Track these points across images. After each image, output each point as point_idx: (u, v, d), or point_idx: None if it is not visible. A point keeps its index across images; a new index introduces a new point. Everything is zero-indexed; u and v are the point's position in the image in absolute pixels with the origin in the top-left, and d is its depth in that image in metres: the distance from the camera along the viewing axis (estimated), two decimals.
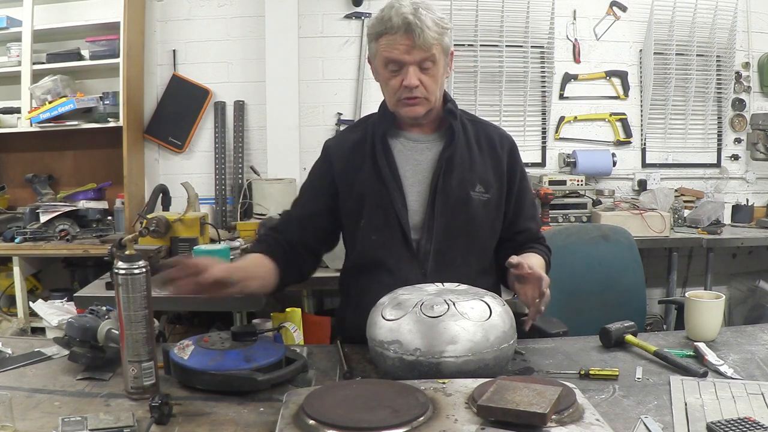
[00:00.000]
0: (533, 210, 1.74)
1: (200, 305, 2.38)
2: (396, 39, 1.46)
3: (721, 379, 1.29)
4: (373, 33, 1.51)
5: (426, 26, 1.44)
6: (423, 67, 1.49)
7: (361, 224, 1.61)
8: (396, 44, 1.47)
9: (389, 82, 1.52)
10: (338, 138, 1.77)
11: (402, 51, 1.47)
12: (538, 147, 3.90)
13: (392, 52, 1.48)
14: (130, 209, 3.40)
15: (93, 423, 1.06)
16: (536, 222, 1.74)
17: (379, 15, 1.50)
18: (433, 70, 1.50)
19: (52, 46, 3.61)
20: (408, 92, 1.50)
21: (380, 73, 1.55)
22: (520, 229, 1.67)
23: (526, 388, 1.01)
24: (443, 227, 1.56)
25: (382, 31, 1.48)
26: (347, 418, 0.98)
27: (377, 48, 1.52)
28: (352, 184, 1.62)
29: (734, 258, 3.96)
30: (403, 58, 1.48)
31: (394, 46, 1.47)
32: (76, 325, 1.35)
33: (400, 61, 1.48)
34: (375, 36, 1.51)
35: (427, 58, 1.48)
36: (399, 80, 1.50)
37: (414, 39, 1.45)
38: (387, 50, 1.49)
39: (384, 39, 1.49)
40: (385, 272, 1.57)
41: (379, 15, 1.50)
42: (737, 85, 3.91)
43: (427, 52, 1.47)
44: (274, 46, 3.61)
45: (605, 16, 3.84)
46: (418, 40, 1.45)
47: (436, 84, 1.52)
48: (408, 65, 1.48)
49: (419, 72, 1.49)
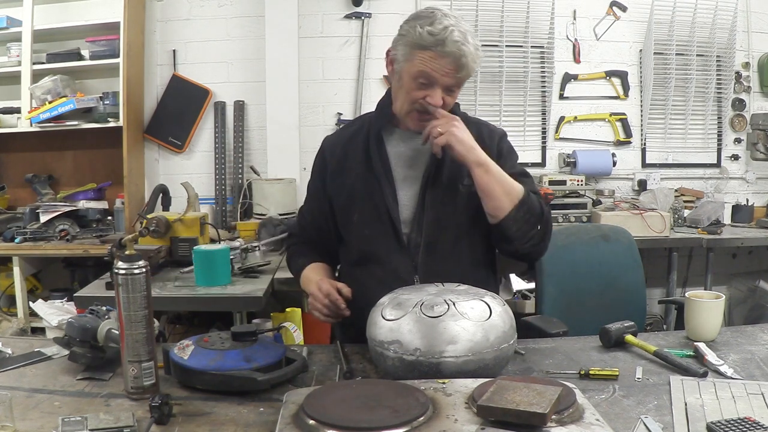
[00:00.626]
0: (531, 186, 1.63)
1: (200, 305, 2.38)
2: (442, 62, 1.46)
3: (721, 379, 1.29)
4: (418, 43, 1.47)
5: (472, 59, 1.47)
6: (450, 90, 1.52)
7: (354, 219, 1.63)
8: (440, 67, 1.46)
9: (412, 93, 1.52)
10: (335, 135, 1.80)
11: (443, 74, 1.48)
12: (538, 147, 3.90)
13: (433, 72, 1.47)
14: (130, 209, 3.40)
15: (93, 423, 1.06)
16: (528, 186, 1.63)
17: (428, 27, 1.45)
18: (456, 93, 1.54)
19: (52, 46, 3.61)
20: (424, 108, 1.52)
21: (404, 80, 1.52)
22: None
23: (526, 388, 1.01)
24: (433, 220, 1.58)
25: (429, 46, 1.46)
26: (347, 418, 0.98)
27: (415, 58, 1.48)
28: (344, 179, 1.65)
29: (734, 258, 3.96)
30: (439, 80, 1.49)
31: (436, 67, 1.46)
32: (76, 325, 1.35)
33: (435, 81, 1.49)
34: (418, 46, 1.47)
35: (459, 84, 1.52)
36: (423, 94, 1.50)
37: (458, 69, 1.47)
38: (427, 66, 1.47)
39: (428, 54, 1.46)
40: (377, 266, 1.60)
41: (429, 28, 1.45)
42: (737, 85, 3.91)
43: (461, 80, 1.51)
44: (274, 46, 3.61)
45: (605, 16, 3.84)
46: (461, 72, 1.47)
47: (453, 102, 1.56)
48: (439, 86, 1.50)
49: (444, 94, 1.51)
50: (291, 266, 1.80)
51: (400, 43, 1.52)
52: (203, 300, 2.20)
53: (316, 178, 1.73)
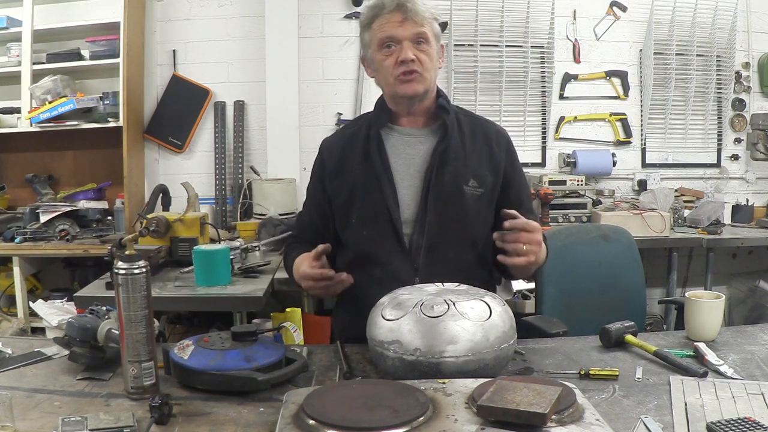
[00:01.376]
0: (530, 203, 1.76)
1: (200, 305, 2.38)
2: (389, 17, 1.52)
3: (721, 379, 1.29)
4: (366, 20, 1.57)
5: (416, 2, 1.51)
6: (417, 45, 1.53)
7: (353, 220, 1.62)
8: (389, 21, 1.52)
9: (384, 63, 1.55)
10: (333, 136, 1.80)
11: (395, 26, 1.52)
12: (538, 147, 3.91)
13: (386, 29, 1.53)
14: (130, 209, 3.40)
15: (93, 423, 1.06)
16: (534, 216, 1.73)
17: (369, 5, 1.57)
18: (427, 49, 1.54)
19: (52, 46, 3.61)
20: (405, 66, 1.52)
21: (375, 59, 1.57)
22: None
23: (526, 388, 1.01)
24: (435, 222, 1.57)
25: (374, 15, 1.54)
26: (347, 418, 0.98)
27: (371, 34, 1.56)
28: (343, 180, 1.64)
29: (734, 258, 3.96)
30: (397, 33, 1.52)
31: (387, 23, 1.53)
32: (76, 325, 1.35)
33: (394, 37, 1.52)
34: (368, 22, 1.56)
35: (420, 35, 1.53)
36: (395, 58, 1.53)
37: (406, 12, 1.50)
38: (381, 30, 1.54)
39: (377, 22, 1.54)
40: (377, 267, 1.58)
41: (370, 4, 1.56)
42: (737, 85, 3.91)
43: (420, 27, 1.52)
44: (274, 46, 3.61)
45: (605, 16, 3.84)
46: (410, 14, 1.50)
47: (431, 62, 1.55)
48: (402, 40, 1.52)
49: (414, 48, 1.52)
50: (286, 264, 1.78)
51: (361, 39, 1.62)
52: (203, 300, 2.21)
53: (315, 180, 1.73)
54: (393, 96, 1.60)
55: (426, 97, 1.59)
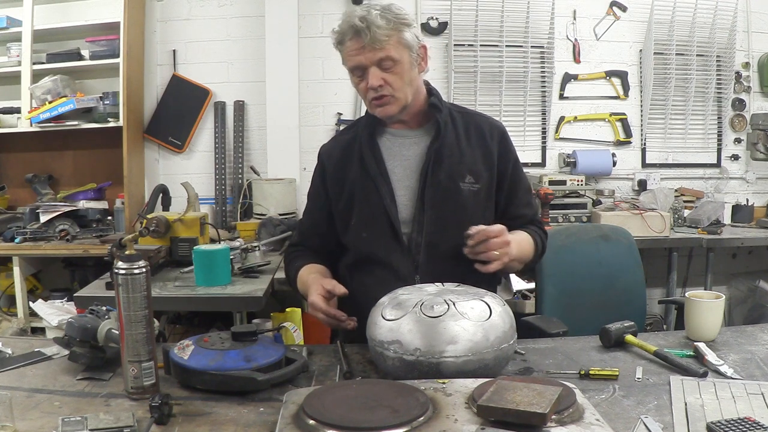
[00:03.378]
0: (528, 196, 1.75)
1: (200, 305, 2.38)
2: (350, 45, 1.52)
3: (721, 379, 1.29)
4: (335, 44, 1.57)
5: (375, 25, 1.47)
6: (384, 67, 1.51)
7: (352, 223, 1.63)
8: (350, 50, 1.52)
9: (358, 87, 1.57)
10: (331, 142, 1.80)
11: (356, 53, 1.51)
12: (538, 147, 3.90)
13: (350, 58, 1.53)
14: (130, 209, 3.40)
15: (93, 423, 1.06)
16: (531, 208, 1.75)
17: (334, 27, 1.55)
18: (395, 68, 1.52)
19: (52, 46, 3.61)
20: (374, 93, 1.53)
21: (351, 80, 1.59)
22: (515, 215, 1.68)
23: (526, 388, 1.01)
24: (433, 219, 1.58)
25: (339, 41, 1.54)
26: (347, 418, 0.98)
27: (342, 57, 1.57)
28: (343, 185, 1.65)
29: (734, 258, 3.96)
30: (360, 61, 1.51)
31: (350, 51, 1.52)
32: (76, 325, 1.35)
33: (360, 65, 1.52)
34: (337, 46, 1.57)
35: (384, 58, 1.50)
36: (365, 83, 1.53)
37: (363, 40, 1.48)
38: (347, 57, 1.54)
39: (344, 49, 1.54)
40: (378, 267, 1.59)
41: (336, 27, 1.55)
42: (737, 85, 3.91)
43: (381, 51, 1.49)
44: (274, 46, 3.61)
45: (605, 16, 3.84)
46: (366, 40, 1.48)
47: (402, 81, 1.54)
48: (367, 67, 1.51)
49: (381, 72, 1.51)
50: (287, 272, 1.76)
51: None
52: (203, 300, 2.20)
53: (317, 183, 1.73)
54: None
55: (407, 110, 1.59)
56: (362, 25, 1.47)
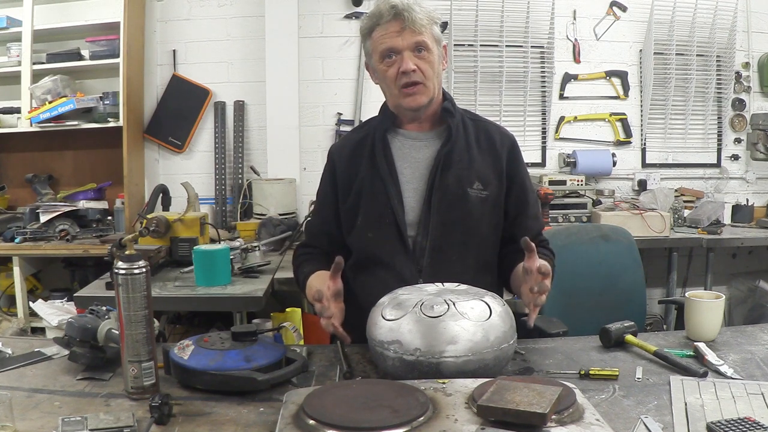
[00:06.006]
0: (536, 209, 1.73)
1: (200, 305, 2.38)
2: (387, 27, 1.51)
3: (721, 379, 1.29)
4: (366, 29, 1.56)
5: (413, 10, 1.49)
6: (418, 54, 1.52)
7: (358, 222, 1.63)
8: (387, 32, 1.51)
9: (387, 74, 1.55)
10: (341, 141, 1.79)
11: (394, 35, 1.50)
12: (538, 147, 3.90)
13: (385, 41, 1.52)
14: (130, 209, 3.40)
15: (93, 423, 1.06)
16: (539, 222, 1.73)
17: (368, 13, 1.56)
18: (428, 57, 1.53)
19: (52, 46, 3.61)
20: (407, 77, 1.52)
21: (378, 69, 1.57)
22: (523, 227, 1.67)
23: (526, 388, 1.01)
24: (439, 224, 1.57)
25: (373, 25, 1.53)
26: (347, 418, 0.98)
27: (372, 43, 1.56)
28: (351, 183, 1.64)
29: (734, 258, 3.96)
30: (396, 43, 1.51)
31: (386, 34, 1.51)
32: (76, 325, 1.35)
33: (394, 48, 1.51)
34: (367, 32, 1.55)
35: (420, 43, 1.51)
36: (396, 68, 1.52)
37: (403, 21, 1.49)
38: (380, 40, 1.53)
39: (376, 31, 1.53)
40: (381, 268, 1.59)
41: (369, 13, 1.55)
42: (737, 85, 3.91)
43: (419, 35, 1.50)
44: (274, 46, 3.61)
45: (605, 16, 3.84)
46: (407, 23, 1.49)
47: (433, 71, 1.54)
48: (402, 51, 1.51)
49: (414, 57, 1.51)
50: (297, 276, 1.73)
51: (363, 46, 1.61)
52: (203, 300, 2.20)
53: (326, 183, 1.72)
54: (396, 107, 1.60)
55: (431, 105, 1.59)
56: (403, 7, 1.48)
